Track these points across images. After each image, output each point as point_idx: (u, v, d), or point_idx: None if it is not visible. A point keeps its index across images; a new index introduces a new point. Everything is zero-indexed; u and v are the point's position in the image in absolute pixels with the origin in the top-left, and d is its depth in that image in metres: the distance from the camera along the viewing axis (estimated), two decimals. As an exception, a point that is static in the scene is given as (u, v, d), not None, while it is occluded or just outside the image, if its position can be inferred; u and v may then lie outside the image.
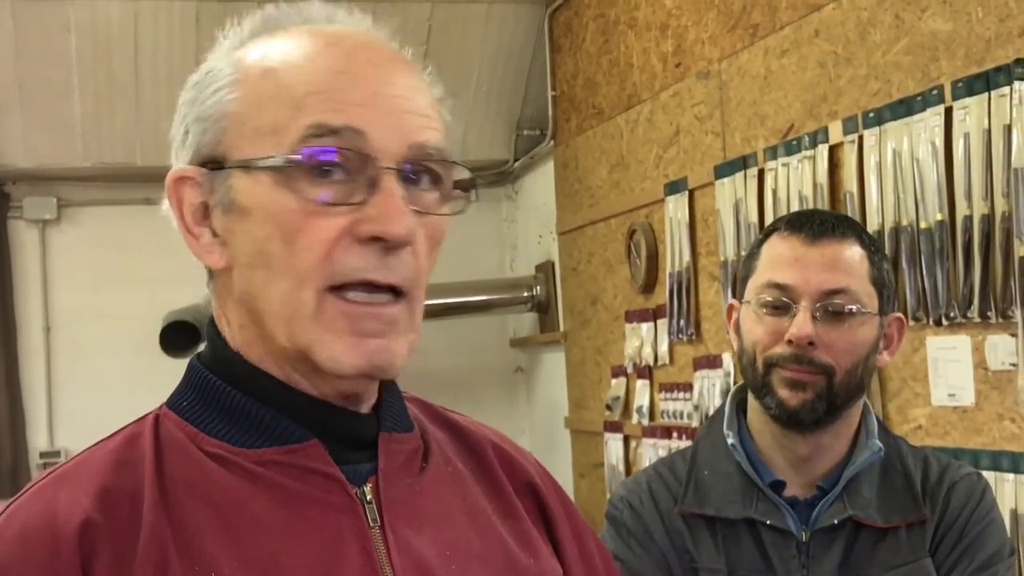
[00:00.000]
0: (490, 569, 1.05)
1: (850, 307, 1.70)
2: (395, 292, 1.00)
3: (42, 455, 5.41)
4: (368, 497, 1.02)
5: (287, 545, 0.97)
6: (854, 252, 1.73)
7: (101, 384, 5.36)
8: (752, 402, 1.80)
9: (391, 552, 1.00)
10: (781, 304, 1.71)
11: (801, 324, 1.68)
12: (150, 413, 1.05)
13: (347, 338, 0.98)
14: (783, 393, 1.71)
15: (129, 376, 5.19)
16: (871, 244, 1.76)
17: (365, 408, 1.06)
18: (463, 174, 1.04)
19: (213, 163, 1.01)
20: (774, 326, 1.71)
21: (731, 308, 1.84)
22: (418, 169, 1.00)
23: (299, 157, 0.96)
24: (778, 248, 1.75)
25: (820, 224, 1.74)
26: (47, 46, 4.96)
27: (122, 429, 1.04)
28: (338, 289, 0.98)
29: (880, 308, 1.74)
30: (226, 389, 1.03)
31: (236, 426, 1.02)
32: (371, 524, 1.01)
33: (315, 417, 1.02)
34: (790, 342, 1.69)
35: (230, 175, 1.00)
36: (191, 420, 1.03)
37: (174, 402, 1.06)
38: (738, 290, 1.82)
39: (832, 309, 1.69)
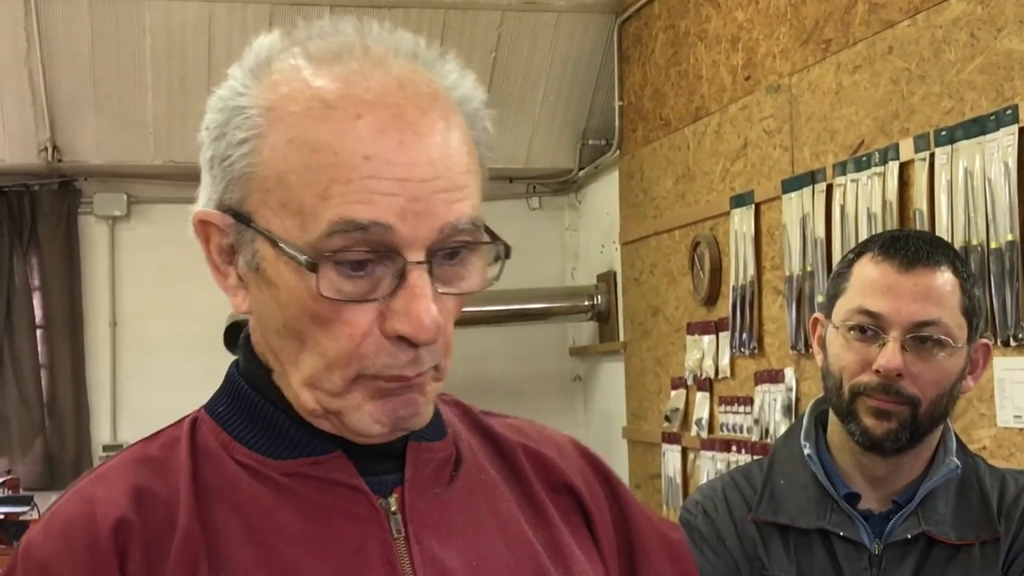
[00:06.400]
0: None
1: (940, 339, 1.68)
2: None
3: (105, 448, 5.47)
4: (393, 508, 1.01)
5: (310, 555, 0.97)
6: (946, 281, 1.69)
7: (165, 380, 5.42)
8: (833, 418, 1.79)
9: (415, 563, 0.99)
10: (870, 331, 1.70)
11: (890, 356, 1.66)
12: (188, 416, 1.07)
13: (375, 404, 0.97)
14: (868, 422, 1.70)
15: (192, 373, 5.22)
16: (964, 270, 1.73)
17: None
18: (495, 242, 1.00)
19: (238, 216, 0.98)
20: (862, 353, 1.70)
21: (815, 322, 1.83)
22: (448, 249, 0.96)
23: (325, 255, 0.92)
24: (870, 273, 1.72)
25: (915, 251, 1.70)
26: (123, 46, 5.05)
27: (162, 431, 1.06)
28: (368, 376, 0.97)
29: (969, 337, 1.71)
30: (256, 399, 1.04)
31: (265, 436, 1.02)
32: (395, 535, 1.00)
33: None
34: (877, 372, 1.68)
35: (256, 238, 0.97)
36: (225, 427, 1.04)
37: (211, 407, 1.07)
38: (824, 307, 1.80)
39: (922, 341, 1.68)
